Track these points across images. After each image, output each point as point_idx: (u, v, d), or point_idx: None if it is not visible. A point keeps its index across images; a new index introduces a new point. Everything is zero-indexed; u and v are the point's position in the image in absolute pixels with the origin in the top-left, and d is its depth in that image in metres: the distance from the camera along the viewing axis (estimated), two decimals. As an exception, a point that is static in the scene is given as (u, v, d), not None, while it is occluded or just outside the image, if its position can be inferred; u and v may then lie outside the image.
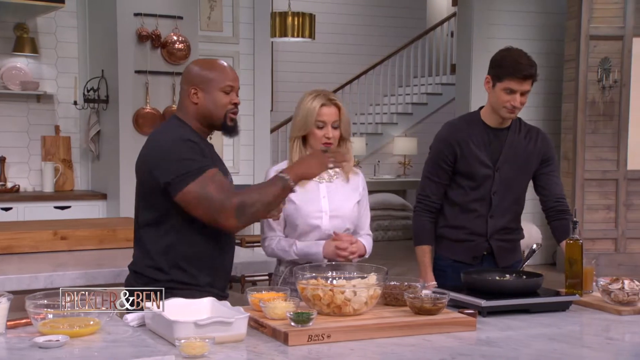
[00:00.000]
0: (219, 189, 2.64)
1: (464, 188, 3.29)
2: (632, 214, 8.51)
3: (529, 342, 2.33)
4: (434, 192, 3.34)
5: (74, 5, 6.89)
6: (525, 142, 3.31)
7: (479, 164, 3.26)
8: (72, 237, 3.73)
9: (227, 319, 2.21)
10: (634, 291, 2.69)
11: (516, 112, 3.22)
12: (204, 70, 2.81)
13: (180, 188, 2.65)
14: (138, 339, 2.17)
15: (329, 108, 3.10)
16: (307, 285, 2.45)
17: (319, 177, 3.14)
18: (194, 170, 2.65)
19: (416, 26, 12.30)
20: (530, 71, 3.15)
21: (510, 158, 3.27)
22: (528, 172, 3.33)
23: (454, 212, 3.32)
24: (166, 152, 2.70)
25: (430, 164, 3.37)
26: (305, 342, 2.24)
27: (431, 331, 2.40)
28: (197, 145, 2.72)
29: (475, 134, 3.29)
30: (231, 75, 2.83)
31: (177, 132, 2.76)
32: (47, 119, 6.92)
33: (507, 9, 8.81)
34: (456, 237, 3.31)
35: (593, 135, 8.44)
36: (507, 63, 3.16)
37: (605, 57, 8.34)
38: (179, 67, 6.52)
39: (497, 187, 3.27)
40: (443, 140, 3.34)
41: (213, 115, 2.81)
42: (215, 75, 2.80)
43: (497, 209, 3.28)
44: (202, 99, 2.79)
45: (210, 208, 2.65)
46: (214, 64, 2.85)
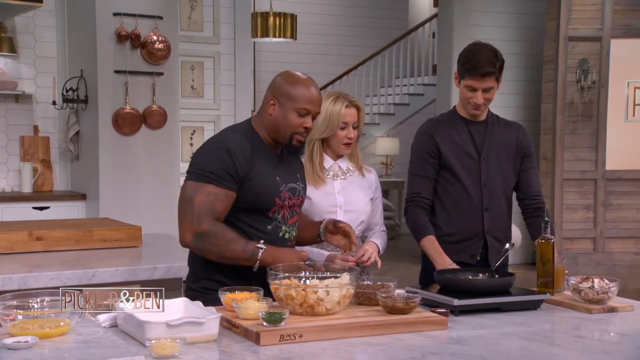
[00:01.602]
0: (202, 205, 2.65)
1: (454, 183, 3.29)
2: (611, 213, 8.59)
3: (500, 340, 2.35)
4: (423, 188, 3.32)
5: (52, 4, 6.86)
6: (507, 134, 3.34)
7: (464, 155, 3.28)
8: (48, 238, 3.71)
9: (198, 319, 2.21)
10: (603, 290, 2.72)
11: (481, 109, 3.26)
12: (287, 84, 2.75)
13: (185, 179, 2.74)
14: (109, 340, 2.17)
15: (350, 109, 3.23)
16: (280, 285, 2.46)
17: (333, 175, 3.26)
18: (202, 175, 2.68)
19: (398, 27, 12.34)
20: (489, 69, 3.16)
21: (494, 149, 3.30)
22: (513, 164, 3.34)
23: (447, 210, 3.31)
24: (201, 148, 2.79)
25: (415, 160, 3.37)
26: (277, 342, 2.25)
27: (403, 330, 2.41)
28: (232, 158, 2.67)
29: (455, 127, 3.31)
30: (311, 98, 2.74)
31: (229, 136, 2.76)
32: (25, 119, 6.88)
33: (487, 10, 8.86)
34: (452, 239, 3.28)
35: (572, 136, 8.50)
36: (468, 61, 3.21)
37: (583, 58, 8.41)
38: (159, 67, 6.52)
39: (486, 179, 3.28)
40: (424, 134, 3.36)
41: (280, 132, 2.76)
42: (295, 93, 2.73)
43: (491, 201, 3.28)
44: (277, 112, 2.75)
45: (182, 211, 2.70)
46: (299, 81, 2.76)
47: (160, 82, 6.55)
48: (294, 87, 2.74)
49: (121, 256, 3.71)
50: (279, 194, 2.79)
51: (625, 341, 2.44)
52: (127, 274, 3.37)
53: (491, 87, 3.20)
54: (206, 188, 2.66)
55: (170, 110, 6.60)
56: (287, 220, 2.84)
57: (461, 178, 3.28)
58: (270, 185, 2.77)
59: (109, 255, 3.72)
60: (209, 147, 2.76)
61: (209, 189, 2.67)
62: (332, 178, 3.28)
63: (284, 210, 2.82)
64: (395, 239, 10.54)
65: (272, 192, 2.77)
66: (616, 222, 8.61)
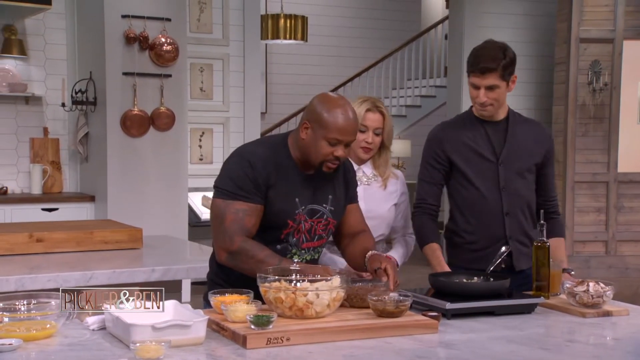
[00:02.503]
0: (234, 223, 2.66)
1: (468, 188, 3.19)
2: (623, 216, 8.52)
3: (489, 344, 2.33)
4: (429, 194, 3.25)
5: (62, 7, 6.90)
6: (529, 134, 3.21)
7: (479, 158, 3.17)
8: (48, 239, 3.72)
9: (185, 322, 2.21)
10: (598, 294, 2.69)
11: (488, 109, 3.12)
12: (321, 109, 2.66)
13: (214, 195, 2.75)
14: (94, 343, 2.17)
15: (373, 114, 3.20)
16: (270, 288, 2.45)
17: (358, 180, 3.19)
18: (228, 191, 2.68)
19: (410, 28, 12.31)
20: (489, 65, 3.03)
21: (514, 150, 3.17)
22: (534, 165, 3.21)
23: (465, 217, 3.21)
24: (229, 161, 2.77)
25: (422, 165, 3.30)
26: (264, 345, 2.24)
27: (393, 334, 2.40)
28: (255, 172, 2.65)
29: (470, 129, 3.20)
30: (345, 129, 2.64)
31: (256, 150, 2.73)
32: (35, 120, 6.92)
33: (498, 12, 8.82)
34: (474, 246, 3.18)
35: (583, 138, 8.44)
36: (472, 57, 3.12)
37: (595, 59, 8.36)
38: (167, 69, 6.55)
39: (504, 182, 3.16)
40: (432, 139, 3.27)
41: (311, 158, 2.71)
42: (328, 121, 2.64)
43: (511, 205, 3.16)
44: (309, 137, 2.68)
45: (216, 230, 2.72)
46: (335, 107, 2.65)
47: (168, 84, 6.57)
48: (328, 113, 2.65)
49: (121, 258, 3.72)
50: (294, 216, 2.74)
51: (617, 346, 2.41)
52: (125, 276, 3.38)
53: (495, 85, 3.05)
54: (234, 205, 2.66)
55: (178, 112, 6.62)
56: (301, 244, 2.79)
57: (475, 182, 3.17)
58: (286, 205, 2.72)
59: (109, 257, 3.73)
60: (233, 160, 2.74)
61: (237, 205, 2.66)
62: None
63: (299, 234, 2.77)
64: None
65: (287, 213, 2.73)
66: (628, 225, 8.54)
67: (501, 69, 3.05)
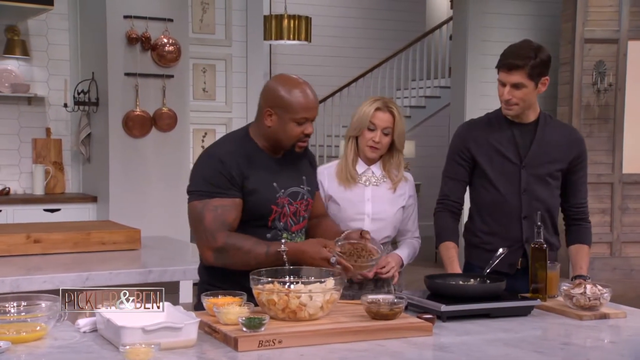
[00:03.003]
0: (214, 221, 2.64)
1: (489, 189, 3.15)
2: (628, 217, 8.49)
3: (483, 347, 2.31)
4: (452, 190, 3.22)
5: (65, 7, 6.91)
6: (558, 138, 3.14)
7: (502, 160, 3.12)
8: (46, 240, 3.71)
9: (176, 324, 2.19)
10: (595, 296, 2.67)
11: (513, 108, 3.05)
12: (281, 92, 2.67)
13: (189, 200, 2.73)
14: (83, 345, 2.15)
15: (383, 113, 3.16)
16: (263, 290, 2.43)
17: (366, 180, 3.21)
18: (203, 191, 2.67)
19: (415, 29, 12.27)
20: (515, 62, 2.97)
21: (540, 153, 3.11)
22: (559, 171, 3.15)
23: (483, 218, 3.18)
24: (198, 161, 2.77)
25: (447, 161, 3.27)
26: (256, 348, 2.22)
27: (387, 336, 2.37)
28: (227, 168, 2.65)
29: (497, 129, 3.15)
30: (308, 106, 2.68)
31: (224, 148, 2.74)
32: (38, 121, 6.93)
33: (502, 12, 8.79)
34: (490, 247, 3.10)
35: (588, 139, 8.38)
36: (503, 53, 3.06)
37: (600, 60, 8.32)
38: (169, 70, 6.55)
39: (526, 185, 3.11)
40: (457, 136, 3.24)
41: (282, 142, 2.74)
42: (292, 103, 2.66)
43: (530, 209, 3.10)
44: (275, 123, 2.70)
45: (197, 231, 2.70)
46: (295, 88, 2.68)
47: (170, 85, 6.57)
48: (289, 95, 2.67)
49: (118, 259, 3.71)
50: (276, 200, 2.75)
51: (613, 349, 2.39)
52: (122, 277, 3.36)
53: (521, 83, 2.98)
54: (212, 203, 2.65)
55: (180, 113, 6.62)
56: (290, 228, 2.80)
57: (496, 184, 3.13)
58: (266, 192, 2.73)
59: (107, 258, 3.72)
60: (202, 161, 2.74)
61: (215, 202, 2.65)
62: (363, 184, 3.24)
63: (285, 218, 2.78)
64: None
65: (268, 200, 2.74)
66: (633, 226, 8.50)
67: (529, 67, 2.99)
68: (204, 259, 2.73)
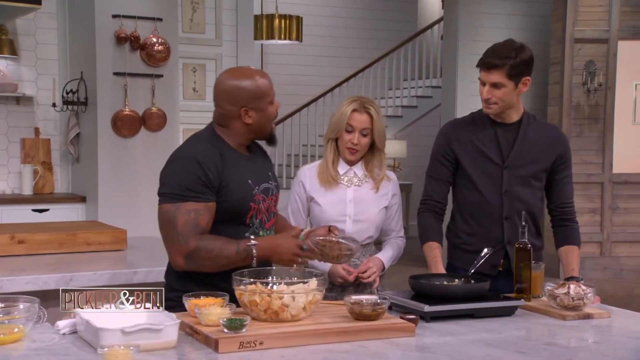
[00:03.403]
0: (186, 224, 2.59)
1: (471, 190, 3.14)
2: (618, 217, 8.50)
3: (465, 348, 2.30)
4: (435, 190, 3.20)
5: (53, 6, 6.87)
6: (541, 138, 3.13)
7: (484, 160, 3.11)
8: (30, 241, 3.68)
9: (155, 326, 2.17)
10: (579, 296, 2.66)
11: (493, 107, 3.04)
12: (251, 87, 2.67)
13: (160, 202, 2.68)
14: (61, 347, 2.13)
15: (360, 114, 3.15)
16: (245, 291, 2.42)
17: (348, 181, 3.19)
18: (176, 194, 2.62)
19: (407, 29, 12.27)
20: (494, 61, 2.97)
21: (522, 154, 3.10)
22: (541, 171, 3.14)
23: (465, 218, 3.18)
24: (170, 164, 2.71)
25: (430, 161, 3.25)
26: (237, 349, 2.21)
27: (370, 337, 2.36)
28: (204, 170, 2.61)
29: (480, 129, 3.14)
30: (270, 85, 2.73)
31: (196, 148, 2.69)
32: (26, 121, 6.89)
33: (493, 12, 8.79)
34: (471, 247, 3.12)
35: (578, 139, 8.41)
36: (483, 53, 3.07)
37: (590, 60, 8.33)
38: (158, 69, 6.51)
39: (507, 186, 3.10)
40: (441, 135, 3.23)
41: (264, 130, 2.76)
42: (261, 89, 2.68)
43: (511, 210, 3.09)
44: (255, 117, 2.70)
45: (168, 235, 2.64)
46: (250, 77, 2.70)
47: (159, 84, 6.53)
48: (253, 83, 2.69)
49: (104, 260, 3.69)
50: (253, 197, 2.74)
51: (595, 349, 2.38)
52: (106, 278, 3.34)
53: (500, 83, 2.98)
54: (185, 206, 2.61)
55: (169, 113, 6.59)
56: (264, 224, 2.79)
57: (478, 185, 3.12)
58: (244, 189, 2.71)
59: (92, 258, 3.70)
60: (177, 163, 2.69)
61: (188, 206, 2.61)
62: (346, 184, 3.23)
63: (261, 215, 2.77)
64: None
65: (247, 197, 2.72)
66: (623, 226, 8.51)
67: (508, 67, 2.98)
68: (174, 265, 2.66)
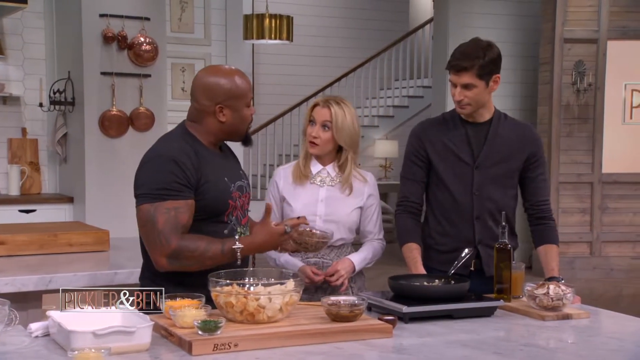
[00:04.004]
0: (167, 223, 2.55)
1: (442, 190, 3.13)
2: (607, 217, 8.49)
3: (442, 349, 2.28)
4: (411, 191, 3.19)
5: (40, 5, 6.84)
6: (512, 137, 3.11)
7: (455, 160, 3.09)
8: (11, 242, 3.65)
9: (128, 328, 2.15)
10: (558, 296, 2.65)
11: (466, 108, 3.03)
12: (228, 85, 2.65)
13: (138, 203, 2.63)
14: (31, 351, 2.10)
15: (321, 108, 3.16)
16: (221, 293, 2.40)
17: (321, 181, 3.18)
18: (155, 194, 2.58)
19: (398, 29, 12.26)
20: (463, 63, 2.95)
21: (493, 153, 3.08)
22: (513, 170, 3.12)
23: (437, 218, 3.16)
24: (145, 164, 2.66)
25: (404, 162, 3.24)
26: (211, 352, 2.18)
27: (346, 338, 2.34)
28: (181, 168, 2.57)
29: (451, 128, 3.12)
30: (248, 86, 2.71)
31: (171, 146, 2.64)
32: (13, 121, 6.86)
33: (483, 12, 8.79)
34: (444, 248, 3.12)
35: (568, 139, 8.41)
36: (451, 55, 3.04)
37: (579, 60, 8.33)
38: (146, 69, 6.48)
39: (478, 186, 3.08)
40: (412, 136, 3.22)
41: (238, 131, 2.73)
42: (238, 89, 2.65)
43: (482, 210, 3.09)
44: (230, 116, 2.67)
45: (149, 235, 2.60)
46: (233, 75, 2.67)
47: (147, 84, 6.51)
48: (231, 83, 2.65)
49: (86, 261, 3.66)
50: (231, 194, 2.71)
51: (571, 349, 2.36)
52: (86, 279, 3.31)
53: (471, 84, 2.97)
54: (164, 205, 2.56)
55: (157, 113, 6.56)
56: (240, 221, 2.77)
57: (449, 185, 3.11)
58: (222, 187, 2.69)
59: (74, 260, 3.67)
60: (152, 163, 2.64)
61: (167, 205, 2.57)
62: (318, 184, 3.20)
63: (237, 212, 2.75)
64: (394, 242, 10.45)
65: (225, 195, 2.70)
66: (613, 225, 8.51)
67: (477, 68, 2.97)
68: (157, 266, 2.61)
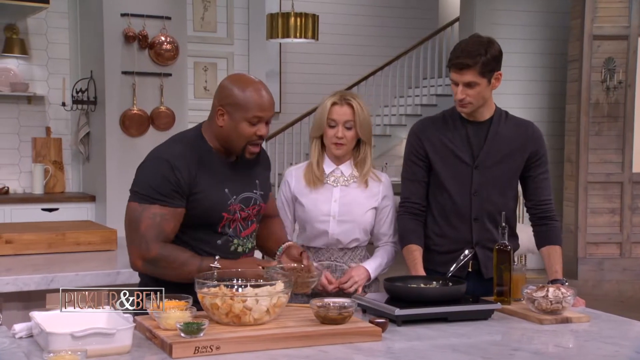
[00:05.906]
0: (150, 229, 2.54)
1: (441, 190, 3.07)
2: (638, 217, 8.32)
3: (430, 353, 2.22)
4: (412, 192, 3.13)
5: (64, 5, 6.88)
6: (514, 136, 3.04)
7: (455, 160, 3.03)
8: (18, 241, 3.66)
9: (107, 330, 2.12)
10: (557, 299, 2.57)
11: (468, 106, 2.95)
12: (236, 91, 2.57)
13: (129, 199, 2.61)
14: (9, 353, 2.08)
15: (340, 107, 3.06)
16: (207, 294, 2.36)
17: (334, 180, 3.12)
18: (145, 195, 2.56)
19: (427, 26, 12.15)
20: (465, 61, 2.88)
21: (493, 153, 3.02)
22: (514, 170, 3.06)
23: (435, 219, 3.10)
24: (144, 162, 2.65)
25: (404, 163, 3.19)
26: (192, 355, 2.15)
27: (334, 342, 2.30)
28: (175, 174, 2.54)
29: (451, 128, 3.06)
30: (262, 104, 2.58)
31: (173, 149, 2.62)
32: (37, 120, 6.91)
33: (510, 9, 8.65)
34: (441, 249, 3.07)
35: (597, 137, 8.25)
36: (451, 52, 2.97)
37: (609, 57, 8.15)
38: (167, 68, 6.49)
39: (477, 187, 3.02)
40: (412, 135, 3.15)
41: (233, 144, 2.63)
42: (243, 101, 2.56)
43: (480, 211, 3.03)
44: (226, 123, 2.60)
45: (131, 235, 2.59)
46: (248, 86, 2.58)
47: (168, 83, 6.51)
48: (243, 93, 2.57)
49: (92, 260, 3.65)
50: (227, 207, 2.65)
51: (564, 355, 2.29)
52: (88, 279, 3.30)
53: (473, 82, 2.89)
54: (151, 210, 2.54)
55: (178, 112, 6.56)
56: (239, 233, 2.72)
57: (447, 186, 3.04)
58: (217, 199, 2.64)
59: (80, 259, 3.67)
60: (150, 162, 2.63)
61: (154, 210, 2.54)
62: (332, 184, 3.13)
63: (235, 224, 2.70)
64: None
65: (219, 207, 2.64)
66: (644, 226, 8.34)
67: (480, 65, 2.90)
68: (132, 265, 2.61)
